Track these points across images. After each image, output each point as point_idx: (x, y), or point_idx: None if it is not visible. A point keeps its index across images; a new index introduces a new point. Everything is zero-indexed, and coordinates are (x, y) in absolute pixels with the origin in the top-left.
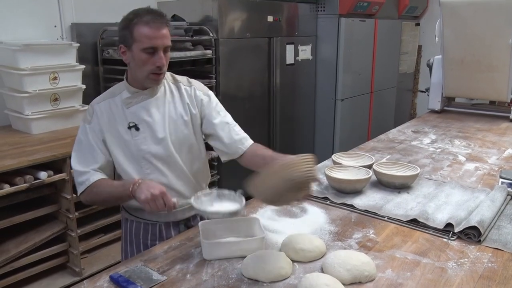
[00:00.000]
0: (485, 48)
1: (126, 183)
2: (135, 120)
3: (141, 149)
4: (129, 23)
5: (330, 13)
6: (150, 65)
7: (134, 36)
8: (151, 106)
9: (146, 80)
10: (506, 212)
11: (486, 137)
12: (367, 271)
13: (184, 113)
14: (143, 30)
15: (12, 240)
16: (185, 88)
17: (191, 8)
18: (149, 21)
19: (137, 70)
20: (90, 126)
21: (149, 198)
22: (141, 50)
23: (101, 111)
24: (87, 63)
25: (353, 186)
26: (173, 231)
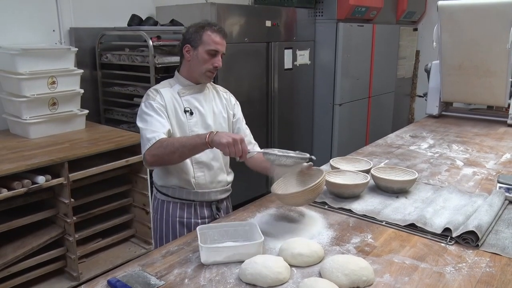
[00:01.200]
0: (483, 53)
1: (201, 134)
2: (189, 106)
3: (193, 130)
4: (200, 29)
5: (328, 18)
6: (209, 64)
7: (203, 39)
8: (201, 98)
9: (202, 76)
10: (504, 216)
11: (484, 142)
12: (365, 276)
13: (223, 111)
14: (212, 36)
15: (9, 244)
16: (222, 93)
17: (190, 13)
18: (216, 30)
19: (197, 66)
20: (155, 102)
21: (231, 142)
22: (206, 51)
23: (165, 93)
24: (86, 67)
25: (351, 191)
26: (206, 211)
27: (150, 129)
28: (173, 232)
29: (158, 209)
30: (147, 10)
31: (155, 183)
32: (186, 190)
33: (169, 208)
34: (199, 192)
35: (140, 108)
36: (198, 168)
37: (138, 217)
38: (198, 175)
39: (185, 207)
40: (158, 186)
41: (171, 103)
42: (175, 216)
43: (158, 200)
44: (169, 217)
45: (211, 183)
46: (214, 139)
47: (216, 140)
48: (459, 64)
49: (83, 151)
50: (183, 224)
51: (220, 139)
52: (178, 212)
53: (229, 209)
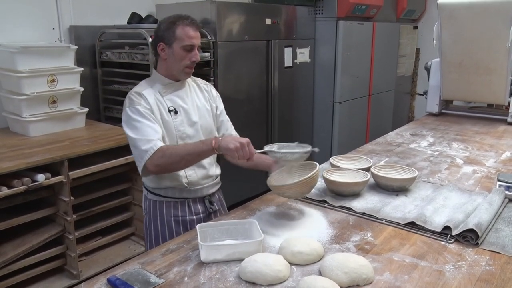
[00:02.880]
0: (483, 51)
1: (205, 140)
2: (173, 105)
3: (179, 129)
4: (172, 25)
5: (328, 16)
6: (187, 60)
7: (176, 35)
8: (183, 95)
9: (181, 73)
10: (504, 215)
11: (484, 140)
12: (365, 274)
13: (206, 104)
14: (185, 31)
15: (9, 242)
16: (203, 85)
17: (190, 10)
18: (189, 24)
19: (174, 64)
20: (141, 106)
21: (238, 147)
22: (181, 47)
23: (149, 95)
24: (85, 65)
25: (351, 189)
26: (200, 206)
27: (144, 138)
28: (169, 231)
29: (150, 209)
30: (147, 8)
31: (146, 185)
32: (178, 189)
33: (162, 208)
34: (192, 189)
35: (124, 113)
36: (189, 167)
37: (138, 215)
38: (189, 173)
39: (178, 205)
40: (149, 188)
41: (155, 105)
42: (170, 215)
43: (149, 201)
44: (163, 216)
45: (202, 179)
46: (221, 145)
47: (223, 146)
48: (459, 62)
49: (83, 149)
50: (178, 222)
51: (228, 144)
52: (172, 211)
53: (222, 201)
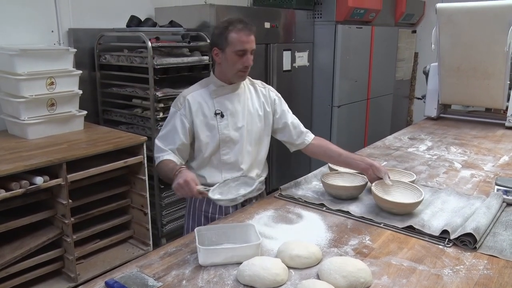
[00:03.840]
0: (481, 55)
1: (174, 169)
2: (221, 108)
3: (223, 133)
4: (224, 30)
5: (327, 20)
6: (239, 64)
7: (229, 40)
8: (234, 98)
9: (234, 76)
10: (502, 219)
11: (482, 144)
12: (363, 277)
13: (259, 109)
14: (236, 36)
15: (7, 245)
16: (261, 89)
17: (189, 14)
18: (241, 29)
19: (228, 68)
20: (180, 112)
21: (177, 187)
22: (234, 52)
23: (193, 99)
24: (84, 68)
25: (349, 193)
26: (231, 208)
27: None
28: (198, 225)
29: (189, 204)
30: (146, 11)
31: None
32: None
33: (196, 202)
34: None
35: (171, 110)
36: (225, 169)
37: (136, 219)
38: (225, 176)
39: (211, 202)
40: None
41: (199, 109)
42: (201, 210)
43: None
44: (195, 210)
45: None
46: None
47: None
48: (458, 66)
49: (81, 152)
50: (208, 218)
51: (176, 180)
52: (204, 206)
53: None
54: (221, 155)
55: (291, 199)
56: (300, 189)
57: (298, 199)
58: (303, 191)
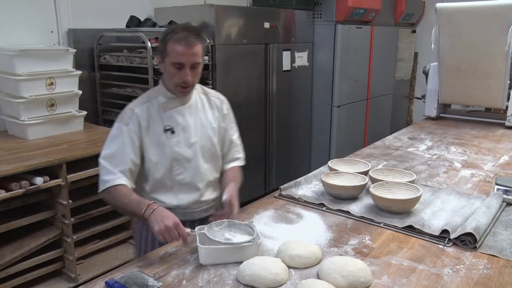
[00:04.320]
0: (481, 55)
1: (141, 203)
2: (171, 124)
3: (174, 151)
4: (164, 38)
5: (327, 20)
6: (177, 78)
7: (167, 50)
8: (185, 111)
9: (174, 90)
10: (502, 218)
11: (482, 143)
12: (363, 277)
13: (213, 122)
14: (174, 47)
15: (7, 245)
16: (214, 99)
17: (188, 14)
18: (181, 39)
19: (167, 80)
20: (128, 127)
21: (163, 230)
22: (171, 64)
23: (142, 114)
24: (84, 68)
25: (349, 193)
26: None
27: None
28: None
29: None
30: (145, 11)
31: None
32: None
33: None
34: (181, 212)
35: (112, 127)
36: (181, 191)
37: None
38: (181, 197)
39: None
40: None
41: (147, 124)
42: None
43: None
44: (148, 236)
45: (194, 204)
46: (149, 219)
47: (150, 224)
48: (457, 66)
49: (81, 152)
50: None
51: (154, 224)
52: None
53: None
54: (174, 176)
55: (291, 199)
56: (300, 189)
57: (298, 199)
58: (303, 191)
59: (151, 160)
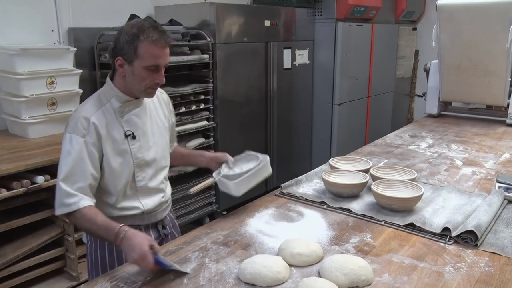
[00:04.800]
0: (482, 52)
1: (110, 228)
2: (131, 128)
3: (137, 157)
4: (135, 39)
5: (327, 18)
6: (149, 81)
7: (139, 53)
8: (142, 114)
9: (142, 93)
10: (503, 216)
11: (483, 141)
12: (364, 275)
13: (165, 120)
14: (148, 49)
15: (9, 244)
16: (161, 95)
17: (189, 12)
18: (155, 40)
19: (134, 83)
20: (85, 140)
21: (138, 259)
22: (144, 67)
23: (99, 122)
24: (84, 67)
25: (350, 191)
26: (153, 232)
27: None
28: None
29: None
30: (145, 10)
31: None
32: (130, 217)
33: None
34: (146, 216)
35: (64, 139)
36: (145, 196)
37: None
38: (145, 202)
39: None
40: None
41: (106, 132)
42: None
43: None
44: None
45: (159, 205)
46: (124, 249)
47: (125, 252)
48: (458, 64)
49: None
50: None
51: (130, 253)
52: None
53: (173, 221)
54: (137, 182)
55: (292, 197)
56: (301, 187)
57: (299, 197)
58: (304, 189)
59: (114, 170)
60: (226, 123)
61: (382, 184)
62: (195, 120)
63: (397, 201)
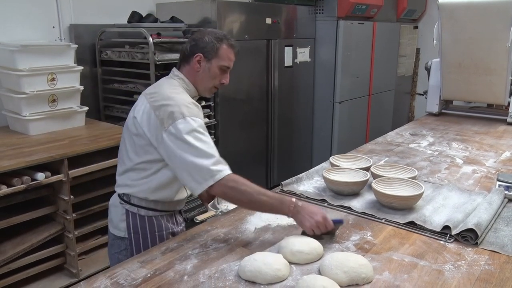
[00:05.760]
0: (483, 51)
1: (284, 200)
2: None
3: None
4: (218, 41)
5: (329, 16)
6: (218, 80)
7: (220, 53)
8: None
9: (207, 91)
10: (503, 215)
11: (484, 140)
12: (364, 273)
13: None
14: (228, 51)
15: (9, 241)
16: None
17: (190, 9)
18: (233, 46)
19: (206, 80)
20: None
21: (314, 226)
22: (219, 66)
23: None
24: (85, 64)
25: (351, 188)
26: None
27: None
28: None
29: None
30: (147, 7)
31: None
32: (168, 202)
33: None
34: (181, 201)
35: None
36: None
37: None
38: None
39: (169, 218)
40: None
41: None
42: (165, 228)
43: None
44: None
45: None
46: (297, 219)
47: (298, 221)
48: (459, 62)
49: (82, 148)
50: (174, 235)
51: (304, 221)
52: (166, 224)
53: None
54: None
55: (292, 195)
56: (302, 184)
57: (300, 195)
58: (304, 187)
59: None
60: (227, 121)
61: (382, 182)
62: None
63: (397, 199)
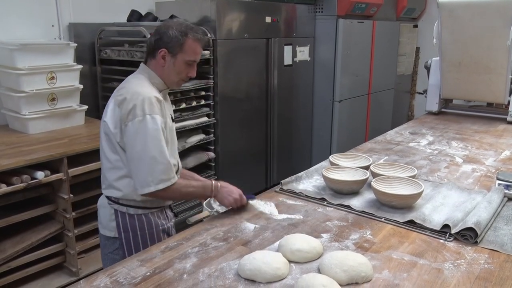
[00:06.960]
0: (483, 50)
1: (206, 186)
2: (171, 113)
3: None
4: (183, 35)
5: (328, 14)
6: (184, 74)
7: (184, 47)
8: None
9: (174, 83)
10: (503, 213)
11: (483, 139)
12: (364, 271)
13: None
14: (193, 45)
15: (9, 239)
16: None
17: (189, 8)
18: (199, 39)
19: (171, 74)
20: (161, 118)
21: (232, 202)
22: (185, 61)
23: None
24: (85, 63)
25: (350, 187)
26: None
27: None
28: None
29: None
30: (146, 5)
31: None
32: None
33: (150, 220)
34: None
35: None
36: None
37: None
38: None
39: (159, 214)
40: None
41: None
42: (158, 225)
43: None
44: (153, 229)
45: None
46: (217, 198)
47: (220, 200)
48: (459, 61)
49: (82, 146)
50: (165, 231)
51: (223, 200)
52: (158, 220)
53: None
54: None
55: (292, 194)
56: (301, 183)
57: (299, 194)
58: (304, 186)
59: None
60: (226, 119)
61: (382, 181)
62: (196, 116)
63: (397, 198)
